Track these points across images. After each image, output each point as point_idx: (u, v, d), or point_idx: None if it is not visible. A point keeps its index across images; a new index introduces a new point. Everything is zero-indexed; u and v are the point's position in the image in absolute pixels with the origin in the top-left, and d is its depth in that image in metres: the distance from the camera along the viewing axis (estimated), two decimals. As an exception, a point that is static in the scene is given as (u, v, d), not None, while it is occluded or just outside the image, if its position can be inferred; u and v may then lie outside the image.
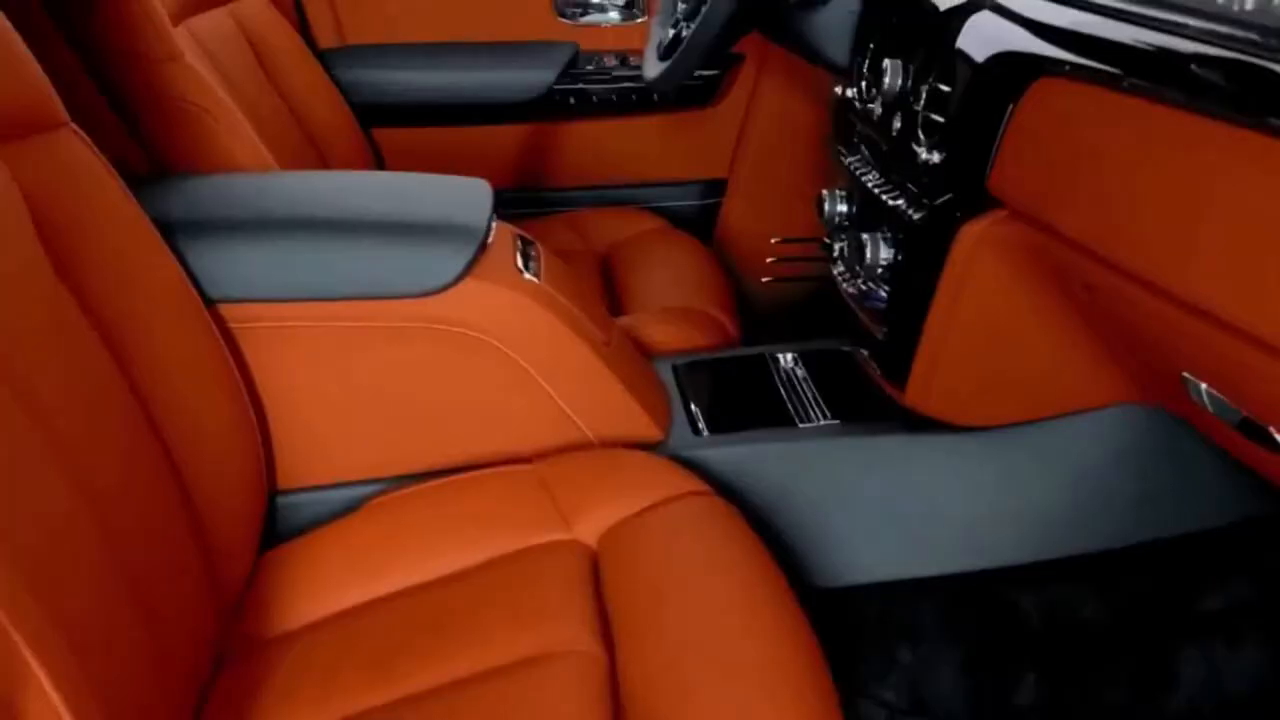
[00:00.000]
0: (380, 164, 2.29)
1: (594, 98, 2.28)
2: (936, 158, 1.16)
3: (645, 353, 1.59)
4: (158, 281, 1.08)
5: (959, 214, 1.17)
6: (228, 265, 1.19)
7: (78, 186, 1.00)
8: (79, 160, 1.02)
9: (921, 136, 1.19)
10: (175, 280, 1.10)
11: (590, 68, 2.27)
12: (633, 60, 2.26)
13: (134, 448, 0.94)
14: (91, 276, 0.96)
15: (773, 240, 2.28)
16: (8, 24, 0.96)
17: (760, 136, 2.30)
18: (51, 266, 0.91)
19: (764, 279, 2.32)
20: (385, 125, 2.28)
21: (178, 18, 1.61)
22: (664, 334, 1.66)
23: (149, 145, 1.48)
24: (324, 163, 1.97)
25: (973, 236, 1.16)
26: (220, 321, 1.19)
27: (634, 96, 2.28)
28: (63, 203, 0.96)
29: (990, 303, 1.21)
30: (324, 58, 2.18)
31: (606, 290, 1.96)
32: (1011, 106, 1.05)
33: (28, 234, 0.89)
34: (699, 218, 2.38)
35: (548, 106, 2.27)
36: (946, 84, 1.16)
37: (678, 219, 2.27)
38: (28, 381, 0.82)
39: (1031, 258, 1.13)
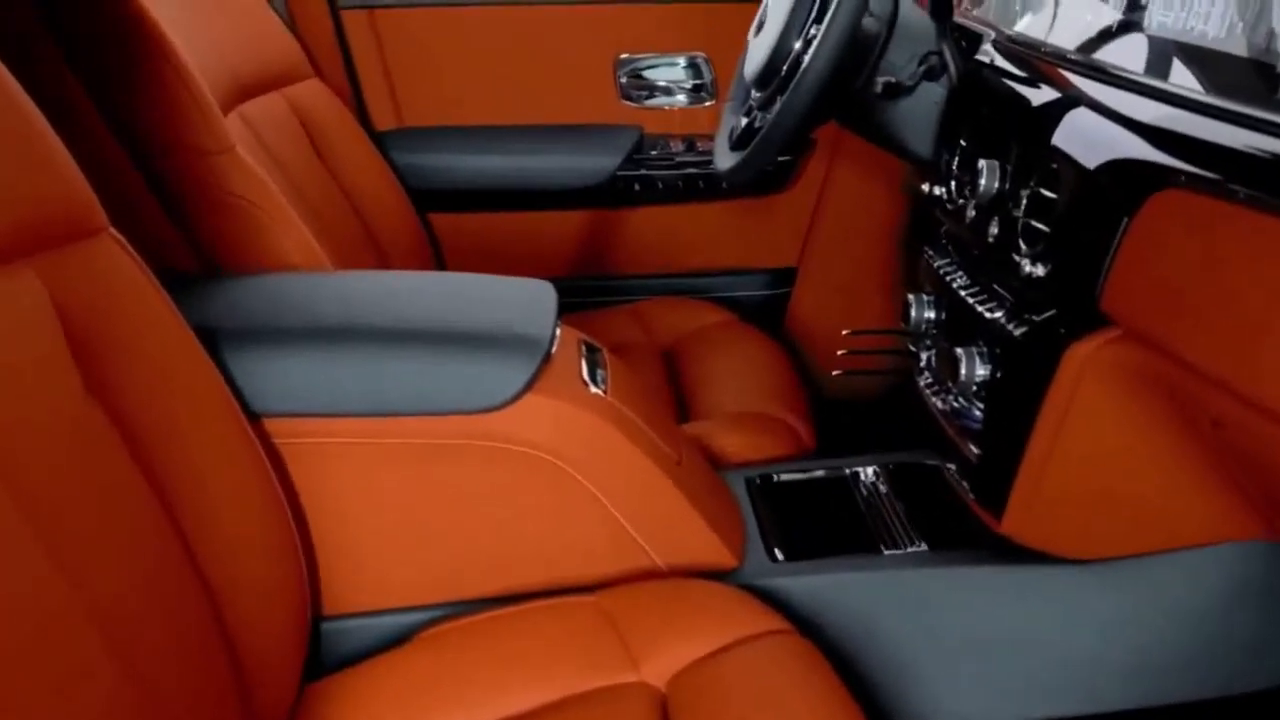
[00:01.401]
0: (437, 250, 2.23)
1: (659, 183, 2.20)
2: (1041, 270, 1.07)
3: (716, 464, 1.50)
4: (196, 394, 1.00)
5: (1064, 331, 1.08)
6: (274, 377, 1.13)
7: (114, 296, 0.93)
8: (117, 269, 0.95)
9: (1023, 246, 1.11)
10: (215, 392, 1.03)
11: (655, 152, 2.20)
12: (700, 145, 2.20)
13: (160, 569, 0.88)
14: (124, 390, 0.89)
15: (844, 332, 2.20)
16: (46, 124, 0.89)
17: (832, 224, 2.21)
18: (81, 379, 0.85)
19: (835, 371, 2.23)
20: (442, 210, 2.22)
21: (229, 104, 1.57)
22: (736, 444, 1.57)
23: (197, 241, 1.42)
24: (378, 250, 1.91)
25: (1081, 358, 1.07)
26: (265, 436, 1.12)
27: (701, 183, 2.20)
28: (97, 314, 0.89)
29: (1100, 429, 1.11)
30: (380, 140, 2.13)
31: (671, 387, 1.88)
32: (1126, 220, 0.96)
33: (57, 347, 0.84)
34: (767, 307, 2.30)
35: (611, 192, 2.20)
36: (1049, 189, 1.07)
37: (745, 308, 2.19)
38: (35, 496, 0.76)
39: (1148, 383, 1.04)
